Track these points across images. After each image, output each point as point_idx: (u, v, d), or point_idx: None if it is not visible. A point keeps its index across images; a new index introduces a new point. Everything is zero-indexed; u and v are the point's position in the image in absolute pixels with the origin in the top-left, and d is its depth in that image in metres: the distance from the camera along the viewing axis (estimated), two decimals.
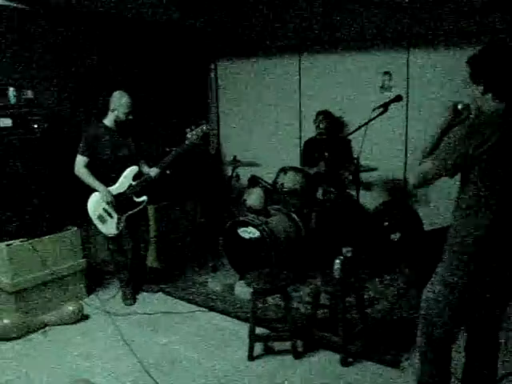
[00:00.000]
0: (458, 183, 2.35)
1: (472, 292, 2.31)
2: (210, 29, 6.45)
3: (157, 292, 4.72)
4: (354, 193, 4.94)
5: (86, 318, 4.22)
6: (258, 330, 3.66)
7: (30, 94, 4.34)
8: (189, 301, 4.52)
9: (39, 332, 4.00)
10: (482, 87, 2.26)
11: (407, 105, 5.11)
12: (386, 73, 5.25)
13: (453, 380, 2.64)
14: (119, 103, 4.23)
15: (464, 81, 2.44)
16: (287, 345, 3.57)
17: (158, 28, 5.86)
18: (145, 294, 4.70)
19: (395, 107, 4.38)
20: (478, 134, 2.14)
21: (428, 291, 2.44)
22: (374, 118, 4.12)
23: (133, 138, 4.43)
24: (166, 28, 5.96)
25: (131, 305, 4.48)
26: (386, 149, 5.30)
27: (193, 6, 6.01)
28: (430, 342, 2.45)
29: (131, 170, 4.35)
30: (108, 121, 4.32)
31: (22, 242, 4.15)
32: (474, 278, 2.27)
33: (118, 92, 4.29)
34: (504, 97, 2.21)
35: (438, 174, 2.27)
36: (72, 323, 4.12)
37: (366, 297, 4.21)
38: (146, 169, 4.46)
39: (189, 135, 4.40)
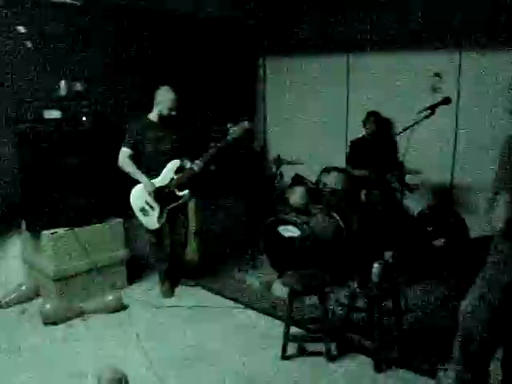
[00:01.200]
0: None
1: (509, 305, 2.21)
2: (260, 25, 6.45)
3: (194, 286, 4.77)
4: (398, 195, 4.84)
5: (124, 307, 4.30)
6: (293, 330, 3.64)
7: (79, 86, 4.45)
8: (226, 296, 4.55)
9: (79, 319, 4.11)
10: None
11: (457, 107, 4.95)
12: (436, 74, 5.11)
13: None
14: (163, 99, 4.31)
15: None
16: (321, 346, 3.53)
17: (208, 23, 5.89)
18: (183, 287, 4.75)
19: (444, 110, 4.25)
20: None
21: (466, 303, 2.36)
22: (420, 121, 4.00)
23: (177, 133, 4.48)
24: (216, 23, 5.98)
25: (169, 297, 4.54)
26: (433, 152, 5.16)
27: (245, 3, 6.02)
28: (466, 356, 2.37)
29: (174, 164, 4.40)
30: (153, 115, 4.40)
31: (66, 230, 4.27)
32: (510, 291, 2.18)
33: (163, 87, 4.37)
34: None
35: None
36: (111, 312, 4.21)
37: (403, 303, 4.11)
38: (188, 163, 4.50)
39: (231, 131, 4.42)
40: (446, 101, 3.99)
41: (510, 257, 2.19)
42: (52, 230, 4.24)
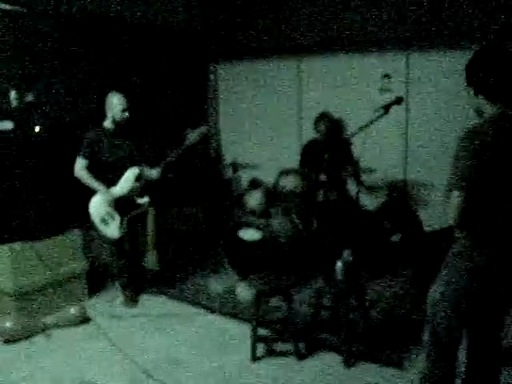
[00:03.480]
0: None
1: (476, 292, 2.32)
2: (209, 31, 6.48)
3: (157, 294, 4.72)
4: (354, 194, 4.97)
5: (88, 320, 4.21)
6: (261, 332, 3.67)
7: (30, 97, 4.35)
8: (190, 303, 4.53)
9: (42, 334, 4.01)
10: (473, 89, 2.29)
11: (407, 107, 5.12)
12: (385, 76, 5.27)
13: (458, 381, 2.65)
14: (113, 103, 4.27)
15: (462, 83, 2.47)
16: (290, 346, 3.59)
17: (158, 31, 5.87)
18: (146, 296, 4.70)
19: (394, 109, 4.39)
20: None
21: (433, 292, 2.45)
22: (374, 120, 4.12)
23: (133, 140, 4.46)
24: (166, 30, 5.98)
25: (133, 307, 4.49)
26: (385, 150, 5.33)
27: (195, 10, 6.04)
28: (435, 342, 2.46)
29: (132, 172, 4.36)
30: (107, 123, 4.35)
31: (23, 243, 4.15)
32: (477, 278, 2.29)
33: (109, 93, 4.33)
34: (494, 98, 2.24)
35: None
36: (74, 325, 4.12)
37: (367, 298, 4.22)
38: (147, 170, 4.47)
39: (188, 136, 4.42)
40: (399, 100, 4.12)
41: (468, 246, 2.30)
42: (8, 244, 4.11)
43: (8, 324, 3.89)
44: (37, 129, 4.27)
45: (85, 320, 4.18)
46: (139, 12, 5.44)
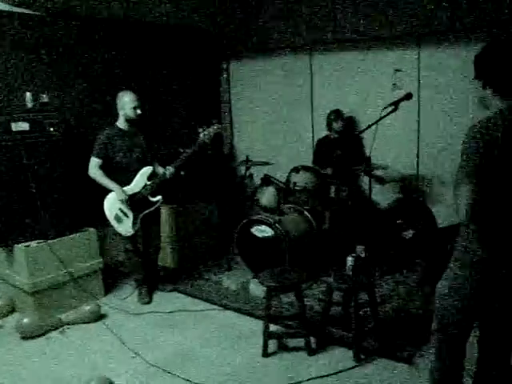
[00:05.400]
0: None
1: (484, 286, 2.32)
2: (221, 29, 6.52)
3: (172, 291, 4.79)
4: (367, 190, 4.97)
5: (103, 317, 4.29)
6: (272, 328, 3.71)
7: (45, 97, 4.44)
8: (204, 299, 4.58)
9: (58, 331, 4.09)
10: (482, 82, 2.28)
11: (419, 102, 5.11)
12: (396, 70, 5.25)
13: (465, 377, 2.65)
14: (124, 101, 4.32)
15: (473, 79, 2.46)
16: (301, 342, 3.62)
17: (171, 30, 5.94)
18: (160, 293, 4.76)
19: (406, 105, 4.38)
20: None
21: (440, 286, 2.46)
22: (384, 117, 4.12)
23: (146, 139, 4.52)
24: (179, 29, 6.03)
25: (147, 303, 4.55)
26: (398, 146, 5.31)
27: (206, 9, 6.08)
28: (443, 338, 2.46)
29: (146, 170, 4.42)
30: (120, 122, 4.41)
31: (39, 243, 4.24)
32: (481, 271, 2.29)
33: (120, 92, 4.39)
34: (504, 92, 2.23)
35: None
36: (90, 322, 4.20)
37: (378, 294, 4.23)
38: (160, 169, 4.53)
39: (201, 135, 4.46)
40: (408, 96, 4.13)
41: (473, 239, 2.30)
42: (25, 243, 4.20)
43: (26, 320, 3.98)
44: (51, 129, 4.34)
45: (100, 317, 4.26)
46: (152, 13, 5.49)
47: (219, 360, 3.56)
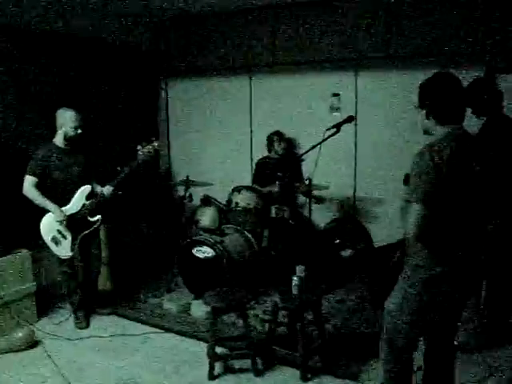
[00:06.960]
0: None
1: (435, 301, 2.42)
2: (159, 48, 6.49)
3: (110, 314, 4.62)
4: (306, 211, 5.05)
5: (37, 343, 4.06)
6: (217, 349, 3.65)
7: None
8: (143, 322, 4.45)
9: None
10: (425, 111, 2.43)
11: (356, 125, 5.28)
12: (335, 94, 5.42)
13: None
14: (65, 118, 4.16)
15: (412, 103, 2.61)
16: (247, 363, 3.59)
17: (110, 47, 5.84)
18: (98, 316, 4.58)
19: (344, 127, 4.52)
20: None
21: (390, 303, 2.54)
22: (326, 139, 4.22)
23: (84, 157, 4.38)
24: (117, 47, 5.94)
25: (84, 328, 4.37)
26: (337, 167, 5.45)
27: (146, 28, 6.04)
28: (392, 352, 2.55)
29: (84, 190, 4.28)
30: (58, 140, 4.24)
31: None
32: (432, 288, 2.39)
33: (61, 109, 4.21)
34: (444, 120, 2.38)
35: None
36: (23, 349, 3.96)
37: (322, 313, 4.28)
38: (98, 188, 4.39)
39: (140, 152, 4.39)
40: (350, 119, 4.26)
41: (425, 257, 2.40)
42: None
43: None
44: None
45: (34, 344, 4.03)
46: (90, 28, 5.39)
47: None
